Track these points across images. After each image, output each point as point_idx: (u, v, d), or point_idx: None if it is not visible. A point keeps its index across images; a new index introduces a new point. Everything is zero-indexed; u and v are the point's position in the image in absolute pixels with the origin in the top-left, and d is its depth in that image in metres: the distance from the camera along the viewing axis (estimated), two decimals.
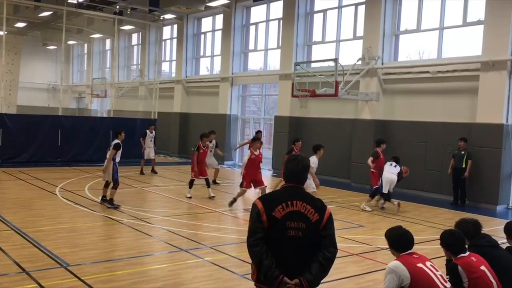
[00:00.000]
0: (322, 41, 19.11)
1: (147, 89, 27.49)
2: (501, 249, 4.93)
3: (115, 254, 7.53)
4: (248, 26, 22.55)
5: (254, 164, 11.75)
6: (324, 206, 3.63)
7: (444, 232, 4.74)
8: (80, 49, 38.40)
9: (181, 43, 25.51)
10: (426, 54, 16.30)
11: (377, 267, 7.29)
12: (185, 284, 6.38)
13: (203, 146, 13.04)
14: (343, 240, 8.63)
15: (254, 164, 11.75)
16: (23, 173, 15.59)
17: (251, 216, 3.58)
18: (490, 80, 13.45)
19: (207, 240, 8.62)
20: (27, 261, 6.82)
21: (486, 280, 4.31)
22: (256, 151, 11.84)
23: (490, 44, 13.46)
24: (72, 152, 18.92)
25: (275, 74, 20.21)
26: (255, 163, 11.79)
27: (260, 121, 22.85)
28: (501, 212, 13.03)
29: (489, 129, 13.37)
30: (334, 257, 3.56)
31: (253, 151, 11.84)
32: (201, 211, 11.29)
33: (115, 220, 9.73)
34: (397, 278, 4.07)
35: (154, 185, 14.83)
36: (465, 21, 14.71)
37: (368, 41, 16.47)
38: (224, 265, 7.15)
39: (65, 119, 19.81)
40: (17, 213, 9.91)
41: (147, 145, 17.35)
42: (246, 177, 11.58)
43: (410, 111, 15.65)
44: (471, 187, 13.53)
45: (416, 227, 9.90)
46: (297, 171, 3.68)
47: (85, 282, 6.11)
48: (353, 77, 16.03)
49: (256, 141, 12.17)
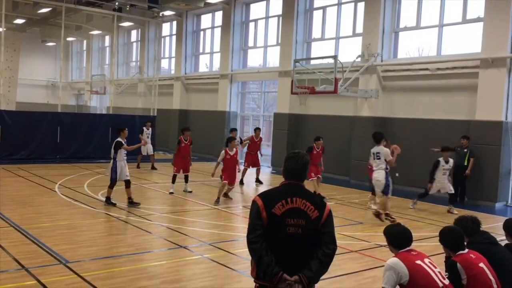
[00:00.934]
0: (322, 38, 19.09)
1: (146, 86, 27.46)
2: (500, 246, 4.95)
3: (115, 251, 7.53)
4: (248, 23, 22.53)
5: (229, 166, 11.76)
6: (323, 203, 3.64)
7: (443, 229, 4.75)
8: (79, 45, 38.33)
9: (181, 40, 25.47)
10: (425, 51, 16.30)
11: (376, 264, 7.30)
12: (184, 281, 6.39)
13: (185, 140, 12.92)
14: (342, 237, 8.63)
15: (229, 166, 11.76)
16: (22, 170, 15.58)
17: (251, 213, 3.59)
18: (490, 77, 13.45)
19: (206, 237, 8.63)
20: (27, 257, 6.82)
21: (485, 277, 4.32)
22: (231, 151, 11.81)
23: (490, 41, 13.45)
24: (72, 149, 18.91)
25: (275, 71, 20.20)
26: (231, 164, 11.77)
27: (259, 118, 22.85)
28: (500, 209, 13.05)
29: (488, 126, 13.38)
30: (333, 254, 3.57)
31: (229, 151, 11.80)
32: (200, 208, 11.29)
33: (114, 217, 9.74)
34: (396, 275, 4.08)
35: (154, 182, 14.84)
36: (464, 18, 14.70)
37: (368, 38, 16.46)
38: (223, 261, 7.16)
39: (64, 116, 19.79)
40: (16, 210, 9.91)
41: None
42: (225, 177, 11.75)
43: (409, 108, 15.65)
44: (470, 184, 13.55)
45: (415, 224, 9.91)
46: (297, 168, 3.68)
47: (85, 279, 6.11)
48: (353, 74, 16.02)
49: (232, 140, 12.00)
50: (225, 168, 11.86)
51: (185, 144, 12.90)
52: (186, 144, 12.94)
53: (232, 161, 11.84)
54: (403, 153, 13.59)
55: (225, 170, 11.87)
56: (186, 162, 12.95)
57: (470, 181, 13.50)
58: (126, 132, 11.05)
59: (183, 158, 12.89)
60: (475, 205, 13.16)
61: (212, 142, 22.67)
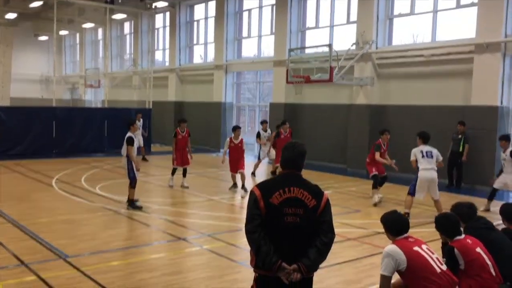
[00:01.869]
0: (316, 27, 19.01)
1: (141, 79, 27.34)
2: (498, 231, 4.98)
3: (114, 244, 7.54)
4: (241, 13, 22.40)
5: (232, 154, 11.99)
6: (321, 191, 3.65)
7: (439, 216, 4.79)
8: (72, 39, 38.09)
9: (174, 31, 25.33)
10: (420, 38, 16.27)
11: (374, 251, 7.34)
12: (184, 273, 6.41)
13: (181, 131, 12.51)
14: (340, 225, 8.67)
15: (232, 154, 11.99)
16: (19, 166, 15.54)
17: (249, 203, 3.60)
18: (484, 62, 13.45)
19: (204, 228, 8.65)
20: (26, 253, 6.83)
21: (482, 262, 4.36)
22: (236, 140, 11.99)
23: (484, 26, 13.43)
24: (68, 143, 18.86)
25: (269, 61, 20.14)
26: (235, 152, 11.95)
27: (255, 108, 22.82)
28: (497, 194, 13.08)
29: (484, 112, 13.41)
30: (331, 242, 3.59)
31: (233, 139, 12.02)
32: (198, 199, 11.31)
33: (112, 211, 9.74)
34: (394, 262, 4.11)
35: (151, 175, 14.83)
36: (458, 4, 14.66)
37: (362, 26, 16.40)
38: (223, 252, 7.18)
39: (59, 110, 19.71)
40: (14, 206, 9.89)
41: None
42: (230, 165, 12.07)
43: (405, 95, 15.66)
44: (467, 169, 13.61)
45: (412, 210, 9.96)
46: (294, 157, 3.69)
47: (84, 273, 6.13)
48: (348, 62, 15.99)
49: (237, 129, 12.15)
50: (229, 156, 12.04)
51: (182, 136, 12.48)
52: (184, 136, 12.52)
53: (236, 149, 11.89)
54: (399, 139, 13.65)
55: (229, 159, 12.03)
56: (184, 155, 12.59)
57: (466, 166, 13.55)
58: (136, 126, 10.58)
59: (180, 150, 12.50)
60: (471, 189, 13.24)
61: (208, 134, 22.67)
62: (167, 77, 25.73)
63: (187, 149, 12.61)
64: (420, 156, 9.49)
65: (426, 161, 9.43)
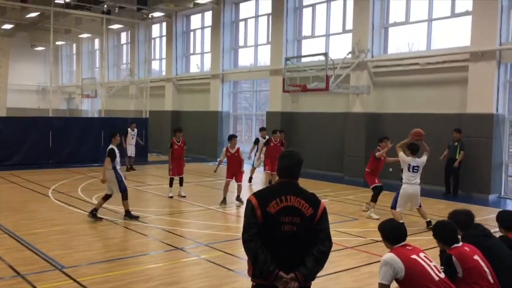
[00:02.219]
0: (312, 36, 19.12)
1: (137, 88, 27.36)
2: (495, 239, 4.98)
3: (110, 254, 7.50)
4: (238, 22, 22.51)
5: (230, 164, 11.81)
6: (318, 200, 3.64)
7: (436, 224, 4.79)
8: (69, 49, 38.13)
9: (171, 41, 25.40)
10: (415, 46, 16.37)
11: (372, 259, 7.33)
12: (181, 283, 6.38)
13: (177, 141, 12.51)
14: (337, 234, 8.66)
15: (230, 164, 11.81)
16: (15, 176, 15.48)
17: (246, 212, 3.59)
18: (480, 70, 13.53)
19: (201, 238, 8.62)
20: (22, 264, 6.78)
21: (480, 270, 4.35)
22: (232, 149, 11.79)
23: (479, 34, 13.53)
24: (64, 153, 18.83)
25: (266, 70, 20.21)
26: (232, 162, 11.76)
27: (252, 117, 22.85)
28: (493, 201, 13.14)
29: (479, 119, 13.46)
30: (329, 251, 3.57)
31: (230, 149, 11.81)
32: (195, 209, 11.28)
33: (109, 221, 9.70)
34: (392, 270, 4.10)
35: (148, 184, 14.79)
36: (453, 12, 14.78)
37: (358, 35, 16.50)
38: (220, 262, 7.15)
39: (56, 120, 19.71)
40: (10, 217, 9.84)
41: (129, 143, 17.80)
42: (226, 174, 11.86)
43: (401, 103, 15.72)
44: (463, 177, 13.63)
45: (409, 218, 9.96)
46: (290, 166, 3.68)
47: (81, 283, 6.09)
48: (344, 71, 16.06)
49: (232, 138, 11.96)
50: (227, 166, 11.91)
51: (178, 146, 12.49)
52: (179, 145, 12.52)
53: (233, 159, 11.75)
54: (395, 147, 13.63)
55: (227, 168, 11.91)
56: (180, 164, 12.60)
57: (463, 173, 13.58)
58: (118, 138, 10.07)
59: (177, 160, 12.50)
60: (468, 197, 13.26)
61: (205, 143, 22.67)
62: (164, 87, 25.76)
63: (183, 159, 12.64)
64: (406, 169, 9.49)
65: (411, 175, 9.43)
